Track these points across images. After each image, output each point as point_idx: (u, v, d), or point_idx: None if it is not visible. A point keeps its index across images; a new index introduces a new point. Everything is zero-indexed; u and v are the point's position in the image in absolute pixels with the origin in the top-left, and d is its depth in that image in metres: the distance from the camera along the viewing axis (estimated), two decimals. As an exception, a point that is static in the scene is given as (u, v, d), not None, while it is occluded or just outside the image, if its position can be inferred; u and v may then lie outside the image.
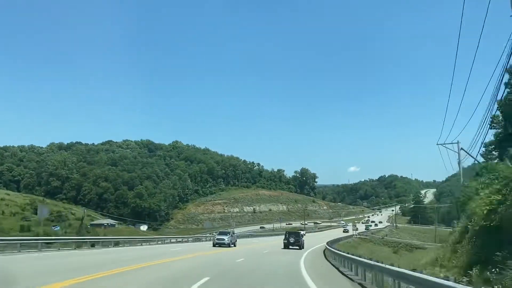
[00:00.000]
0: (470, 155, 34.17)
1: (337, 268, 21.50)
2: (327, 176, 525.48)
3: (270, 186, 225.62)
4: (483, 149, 31.88)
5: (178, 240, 53.29)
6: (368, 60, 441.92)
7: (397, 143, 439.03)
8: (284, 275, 16.42)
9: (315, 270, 19.52)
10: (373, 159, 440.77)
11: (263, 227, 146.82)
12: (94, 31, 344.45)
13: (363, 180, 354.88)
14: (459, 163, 36.95)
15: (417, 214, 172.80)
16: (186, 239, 57.63)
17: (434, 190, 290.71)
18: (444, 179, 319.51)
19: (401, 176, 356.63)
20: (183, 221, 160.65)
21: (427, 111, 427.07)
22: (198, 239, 61.82)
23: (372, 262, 13.99)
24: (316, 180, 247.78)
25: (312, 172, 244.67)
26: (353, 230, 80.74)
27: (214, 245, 40.90)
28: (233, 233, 48.15)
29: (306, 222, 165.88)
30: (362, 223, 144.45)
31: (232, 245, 42.67)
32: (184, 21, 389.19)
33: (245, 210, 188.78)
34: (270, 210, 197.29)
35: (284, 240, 43.68)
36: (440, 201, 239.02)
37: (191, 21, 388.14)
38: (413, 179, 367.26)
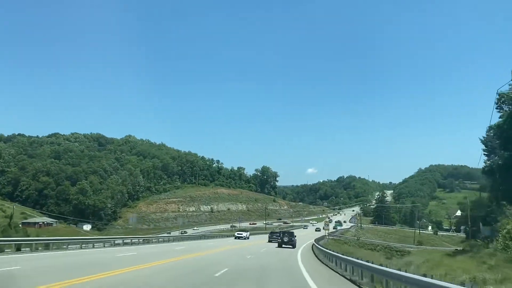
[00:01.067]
0: None
1: None
2: (286, 177, 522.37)
3: (230, 185, 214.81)
4: None
5: (125, 241, 41.82)
6: (330, 64, 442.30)
7: (354, 145, 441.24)
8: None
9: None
10: (330, 160, 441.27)
11: (234, 226, 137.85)
12: (48, 16, 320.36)
13: (321, 181, 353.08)
14: None
15: (381, 214, 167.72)
16: (136, 240, 45.83)
17: (391, 191, 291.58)
18: (401, 180, 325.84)
19: (359, 177, 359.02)
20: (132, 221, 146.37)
21: (385, 113, 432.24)
22: (147, 241, 50.25)
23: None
24: (277, 179, 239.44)
25: (273, 170, 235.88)
26: (325, 230, 72.51)
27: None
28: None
29: (271, 222, 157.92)
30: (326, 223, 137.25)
31: None
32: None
33: (202, 209, 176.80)
34: (229, 209, 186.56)
35: (278, 239, 45.05)
36: (400, 202, 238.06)
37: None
38: (370, 180, 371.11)
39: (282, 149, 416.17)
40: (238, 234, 67.37)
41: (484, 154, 50.63)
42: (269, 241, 54.37)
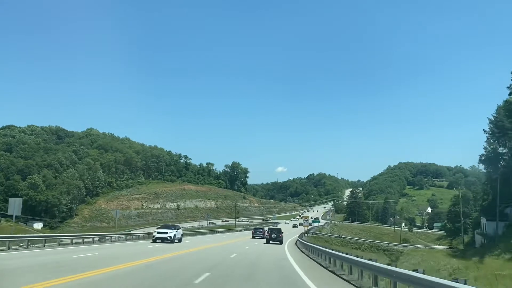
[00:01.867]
0: None
1: None
2: (256, 175, 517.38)
3: (198, 181, 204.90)
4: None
5: (75, 241, 32.66)
6: (298, 62, 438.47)
7: (322, 143, 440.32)
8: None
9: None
10: (299, 159, 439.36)
11: (212, 223, 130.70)
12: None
13: (291, 178, 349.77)
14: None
15: (354, 211, 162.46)
16: (90, 239, 36.75)
17: (361, 189, 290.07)
18: (369, 178, 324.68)
19: (329, 175, 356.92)
20: (90, 218, 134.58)
21: (353, 112, 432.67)
22: (103, 239, 41.04)
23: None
24: (248, 175, 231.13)
25: (243, 166, 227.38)
26: (304, 226, 65.86)
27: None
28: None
29: (247, 219, 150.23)
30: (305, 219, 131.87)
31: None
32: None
33: (167, 206, 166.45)
34: (196, 206, 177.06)
35: (261, 235, 48.54)
36: (370, 199, 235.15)
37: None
38: (340, 178, 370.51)
39: (252, 148, 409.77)
40: (158, 232, 36.62)
41: (489, 140, 44.32)
42: (253, 237, 54.76)
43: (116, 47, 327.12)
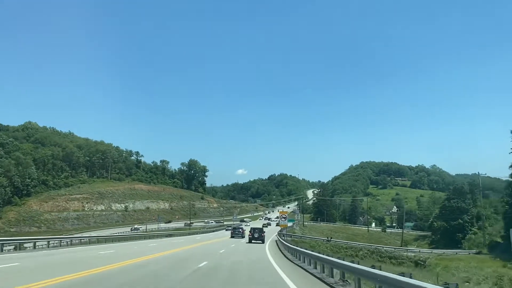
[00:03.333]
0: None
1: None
2: (216, 178, 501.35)
3: (151, 180, 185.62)
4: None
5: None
6: (260, 62, 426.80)
7: (282, 145, 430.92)
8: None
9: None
10: (259, 161, 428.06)
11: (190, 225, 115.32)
12: None
13: (252, 179, 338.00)
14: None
15: (322, 210, 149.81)
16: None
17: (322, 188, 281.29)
18: (330, 179, 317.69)
19: (290, 175, 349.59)
20: (17, 222, 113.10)
21: (312, 113, 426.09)
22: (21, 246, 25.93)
23: None
24: (207, 174, 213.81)
25: (202, 164, 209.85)
26: (281, 226, 60.47)
27: None
28: None
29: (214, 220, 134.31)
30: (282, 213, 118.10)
31: None
32: None
33: (113, 208, 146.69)
34: (148, 208, 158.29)
35: (249, 235, 47.44)
36: (335, 199, 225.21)
37: None
38: (301, 179, 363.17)
39: (211, 149, 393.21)
40: None
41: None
42: (232, 237, 55.08)
43: (55, 37, 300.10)
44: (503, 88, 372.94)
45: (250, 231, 48.15)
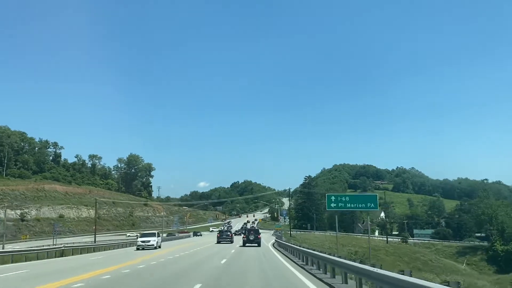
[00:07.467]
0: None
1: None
2: (175, 191, 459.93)
3: (73, 179, 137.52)
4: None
5: None
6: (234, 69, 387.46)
7: (244, 154, 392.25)
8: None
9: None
10: (222, 172, 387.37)
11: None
12: None
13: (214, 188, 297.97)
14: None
15: (310, 215, 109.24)
16: None
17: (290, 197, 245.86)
18: (297, 186, 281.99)
19: (255, 182, 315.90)
20: None
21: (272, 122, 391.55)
22: None
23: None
24: (152, 173, 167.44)
25: (146, 162, 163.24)
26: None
27: None
28: None
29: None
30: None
31: None
32: None
33: (8, 215, 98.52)
34: (61, 216, 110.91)
35: (243, 237, 44.64)
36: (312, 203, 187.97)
37: None
38: (266, 187, 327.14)
39: (172, 162, 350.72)
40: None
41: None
42: (218, 242, 50.28)
43: None
44: (476, 93, 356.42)
45: (244, 233, 46.54)
